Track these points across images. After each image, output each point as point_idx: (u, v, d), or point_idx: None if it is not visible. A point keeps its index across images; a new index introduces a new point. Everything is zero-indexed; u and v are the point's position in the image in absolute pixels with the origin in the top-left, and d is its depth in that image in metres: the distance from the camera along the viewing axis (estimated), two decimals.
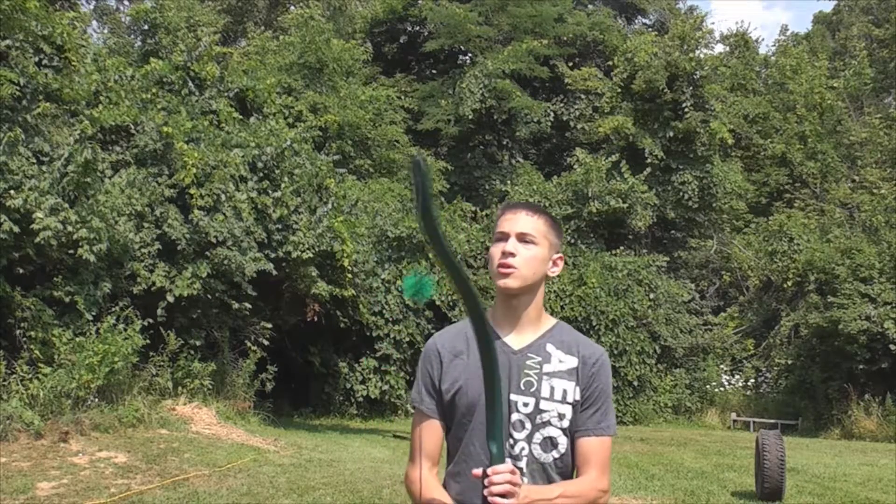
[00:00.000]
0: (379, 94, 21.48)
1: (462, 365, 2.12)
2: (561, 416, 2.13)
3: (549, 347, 2.17)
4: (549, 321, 2.22)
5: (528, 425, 2.10)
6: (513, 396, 2.09)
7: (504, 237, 2.15)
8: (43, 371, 10.11)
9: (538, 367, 2.13)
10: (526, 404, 2.09)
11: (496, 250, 2.14)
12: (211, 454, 9.92)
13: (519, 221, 2.15)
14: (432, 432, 2.16)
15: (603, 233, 23.00)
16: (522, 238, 2.13)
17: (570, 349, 2.18)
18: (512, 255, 2.11)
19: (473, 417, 2.09)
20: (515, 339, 2.16)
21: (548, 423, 2.11)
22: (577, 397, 2.14)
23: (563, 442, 2.13)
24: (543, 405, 2.11)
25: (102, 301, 11.22)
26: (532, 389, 2.11)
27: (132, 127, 12.87)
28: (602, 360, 2.21)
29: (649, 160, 22.83)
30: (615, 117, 23.71)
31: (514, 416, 2.09)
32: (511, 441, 2.08)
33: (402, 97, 24.45)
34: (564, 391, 2.14)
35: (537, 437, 2.10)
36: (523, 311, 2.17)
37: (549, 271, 2.19)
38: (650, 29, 32.94)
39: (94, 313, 11.03)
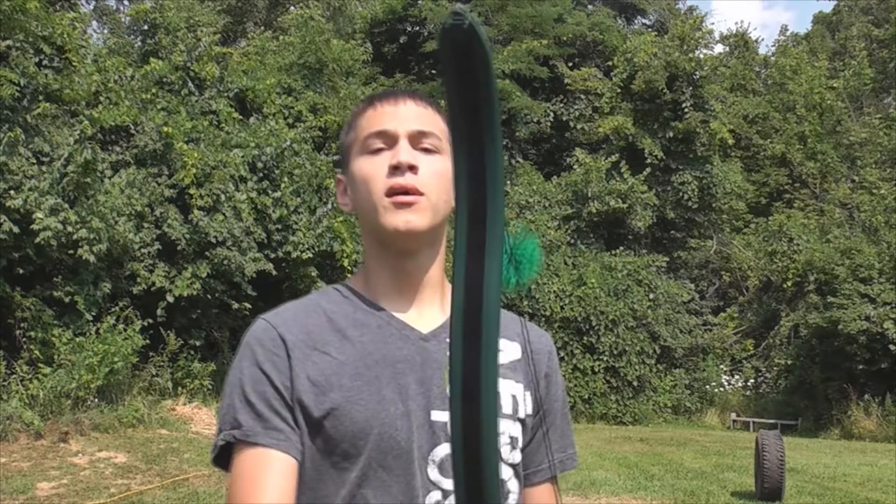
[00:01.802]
0: None
1: (332, 366, 1.24)
2: (512, 443, 1.33)
3: None
4: (448, 285, 1.36)
5: None
6: (435, 415, 1.25)
7: (388, 141, 1.29)
8: (43, 371, 10.12)
9: None
10: None
11: (374, 166, 1.28)
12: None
13: (409, 115, 1.31)
14: (285, 478, 1.21)
15: (603, 233, 22.99)
16: (419, 141, 1.29)
17: (505, 329, 1.18)
18: (412, 169, 1.26)
19: (360, 459, 1.22)
20: (418, 319, 1.32)
21: None
22: (529, 410, 1.36)
23: (514, 489, 1.34)
24: (503, 424, 1.31)
25: (102, 301, 11.23)
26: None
27: (132, 127, 12.87)
28: (553, 349, 1.46)
29: (649, 160, 22.83)
30: (615, 117, 23.71)
31: (438, 450, 1.25)
32: (436, 496, 1.25)
33: None
34: (514, 399, 1.34)
35: None
36: (426, 272, 1.33)
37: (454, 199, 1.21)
38: (650, 29, 32.93)
39: (93, 313, 11.04)
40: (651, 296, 21.56)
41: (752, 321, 25.47)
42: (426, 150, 1.29)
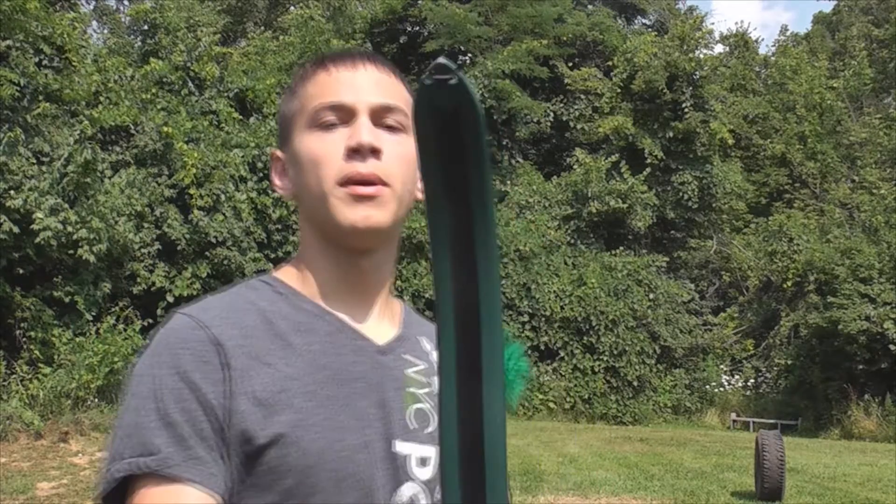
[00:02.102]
0: None
1: (279, 381, 0.99)
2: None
3: (425, 342, 1.16)
4: (392, 293, 1.20)
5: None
6: (398, 447, 1.04)
7: (344, 116, 1.05)
8: (43, 371, 10.12)
9: (426, 379, 1.10)
10: (425, 461, 1.06)
11: (326, 146, 1.05)
12: None
13: (371, 84, 1.07)
14: None
15: (603, 233, 22.99)
16: (382, 118, 1.06)
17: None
18: (374, 153, 1.03)
19: (309, 501, 0.99)
20: (371, 327, 1.11)
21: None
22: None
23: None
24: None
25: (102, 301, 11.24)
26: (429, 428, 1.07)
27: (132, 127, 12.88)
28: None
29: (649, 160, 22.83)
30: (615, 117, 23.70)
31: (404, 491, 1.05)
32: None
33: None
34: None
35: None
36: (380, 272, 1.12)
37: (418, 189, 1.09)
38: (650, 29, 32.93)
39: (93, 313, 11.04)
40: (651, 296, 21.55)
41: (752, 321, 25.47)
42: (390, 129, 1.06)
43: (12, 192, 10.21)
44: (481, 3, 27.25)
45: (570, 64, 28.44)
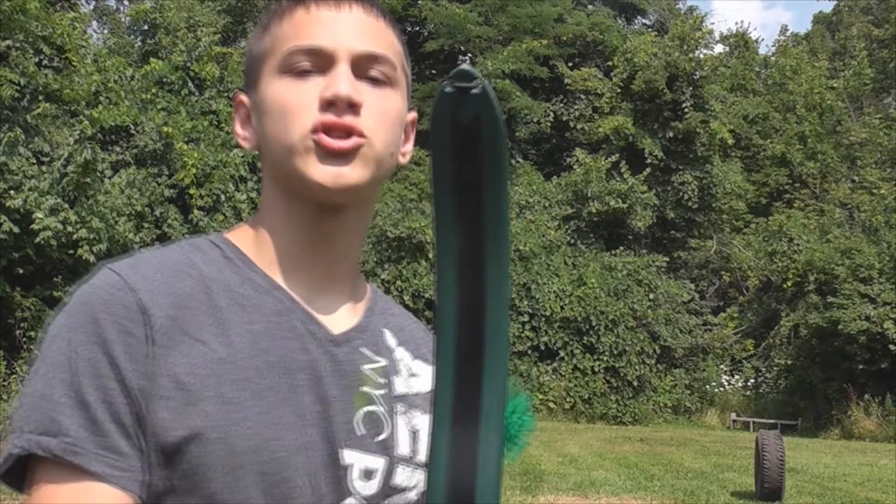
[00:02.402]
0: None
1: (208, 363, 0.85)
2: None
3: (389, 337, 1.00)
4: (360, 273, 1.04)
5: None
6: (344, 456, 0.90)
7: (320, 62, 0.91)
8: None
9: (384, 379, 0.96)
10: (369, 474, 0.91)
11: (298, 94, 0.90)
12: None
13: (355, 28, 0.93)
14: None
15: (603, 233, 22.99)
16: (366, 68, 0.92)
17: (416, 347, 1.02)
18: (353, 108, 0.89)
19: None
20: (327, 310, 0.95)
21: None
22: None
23: None
24: (400, 476, 0.94)
25: None
26: (381, 435, 0.93)
27: (132, 127, 12.88)
28: None
29: (649, 160, 22.84)
30: (615, 117, 23.71)
31: None
32: None
33: None
34: (414, 436, 0.99)
35: None
36: (347, 240, 0.96)
37: (401, 153, 0.99)
38: (650, 29, 32.94)
39: None
40: (651, 296, 21.55)
41: (752, 321, 25.47)
42: (374, 81, 0.91)
43: (12, 192, 10.21)
44: (481, 3, 27.26)
45: (570, 64, 28.44)
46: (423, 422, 0.97)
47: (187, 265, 0.90)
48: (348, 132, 0.88)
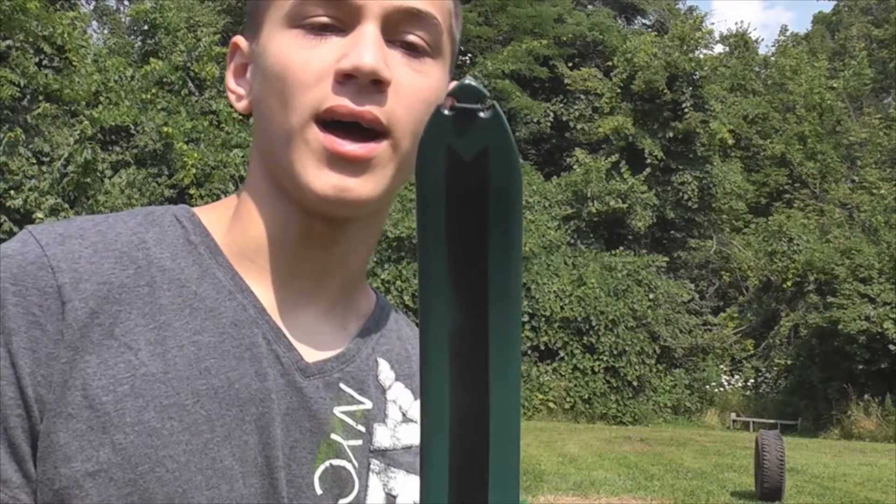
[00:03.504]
0: None
1: (133, 377, 0.66)
2: None
3: (384, 370, 0.79)
4: (366, 285, 0.84)
5: None
6: None
7: (343, 17, 0.69)
8: None
9: (363, 427, 0.75)
10: None
11: (307, 58, 0.69)
12: None
13: None
14: None
15: (603, 233, 23.00)
16: (401, 30, 0.71)
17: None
18: (377, 83, 0.68)
19: None
20: (306, 331, 0.75)
21: None
22: None
23: None
24: None
25: None
26: (346, 498, 0.73)
27: (132, 127, 12.89)
28: None
29: (649, 160, 22.85)
30: (615, 117, 23.71)
31: None
32: None
33: None
34: None
35: None
36: (346, 253, 0.76)
37: None
38: (650, 29, 32.95)
39: None
40: (651, 296, 21.56)
41: (752, 321, 25.47)
42: (410, 49, 0.71)
43: (12, 192, 10.22)
44: (481, 3, 27.27)
45: (570, 64, 28.46)
46: (405, 484, 0.75)
47: (134, 245, 0.70)
48: (368, 123, 0.68)
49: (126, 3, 31.12)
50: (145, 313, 0.67)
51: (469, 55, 27.37)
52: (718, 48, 33.87)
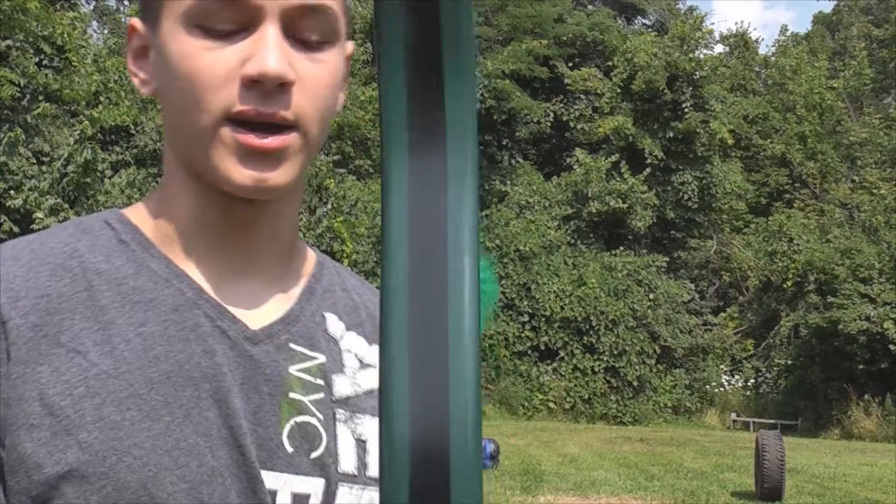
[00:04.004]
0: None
1: (87, 379, 0.69)
2: None
3: (333, 322, 0.82)
4: (303, 246, 0.85)
5: None
6: (268, 479, 0.73)
7: (242, 18, 0.71)
8: None
9: (321, 380, 0.78)
10: (302, 499, 0.74)
11: (211, 62, 0.70)
12: None
13: None
14: None
15: (603, 233, 23.00)
16: (300, 27, 0.72)
17: (377, 328, 0.56)
18: (283, 85, 0.70)
19: None
20: (246, 301, 0.77)
21: None
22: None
23: None
24: (345, 497, 0.76)
25: None
26: (316, 451, 0.75)
27: (132, 127, 12.89)
28: None
29: (649, 160, 22.86)
30: (615, 118, 23.72)
31: None
32: None
33: None
34: (362, 448, 0.82)
35: None
36: (272, 226, 0.79)
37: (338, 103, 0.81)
38: (650, 29, 32.94)
39: None
40: (651, 296, 21.56)
41: (752, 321, 25.47)
42: (306, 46, 0.72)
43: (12, 192, 10.23)
44: (481, 3, 27.25)
45: (570, 64, 28.44)
46: (372, 428, 0.77)
47: (67, 255, 0.73)
48: (277, 122, 0.70)
49: (126, 3, 31.13)
50: (88, 316, 0.70)
51: None
52: (718, 48, 33.89)
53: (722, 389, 23.71)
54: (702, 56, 24.52)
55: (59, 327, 0.69)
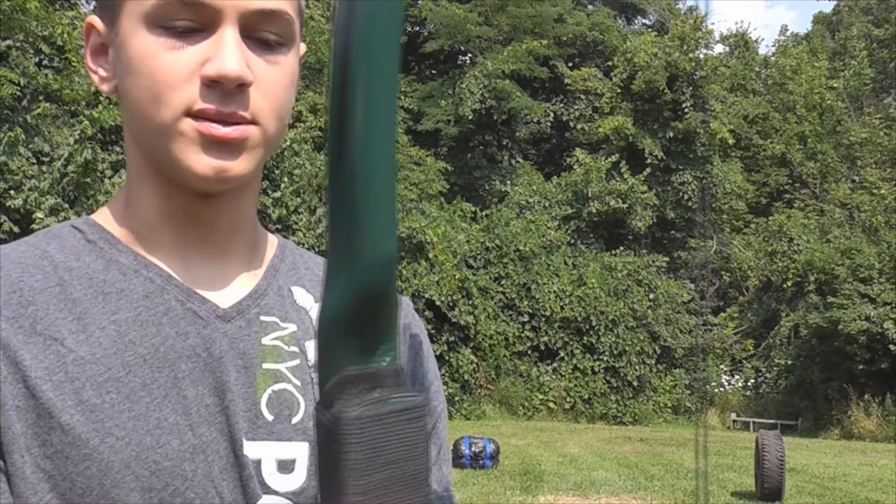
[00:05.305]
0: None
1: (65, 366, 0.72)
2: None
3: (301, 295, 0.86)
4: (265, 232, 0.90)
5: None
6: (248, 448, 0.76)
7: (202, 18, 0.73)
8: None
9: (295, 348, 0.82)
10: (287, 465, 0.78)
11: (172, 63, 0.73)
12: None
13: None
14: None
15: (603, 233, 23.01)
16: (257, 28, 0.75)
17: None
18: (241, 85, 0.73)
19: None
20: (213, 282, 0.81)
21: None
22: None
23: None
24: None
25: None
26: (297, 416, 0.79)
27: None
28: (422, 327, 0.92)
29: (649, 160, 22.87)
30: (615, 117, 23.73)
31: None
32: None
33: (402, 98, 24.49)
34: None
35: None
36: (233, 214, 0.82)
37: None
38: (650, 29, 32.94)
39: None
40: (651, 296, 21.57)
41: (752, 321, 25.47)
42: (265, 46, 0.75)
43: (12, 192, 10.22)
44: (481, 3, 27.25)
45: (570, 64, 28.44)
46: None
47: (38, 257, 0.76)
48: (236, 120, 0.74)
49: None
50: (62, 308, 0.74)
51: (469, 55, 27.36)
52: (718, 48, 33.90)
53: (722, 389, 23.73)
54: (702, 56, 24.53)
55: (33, 317, 0.72)
